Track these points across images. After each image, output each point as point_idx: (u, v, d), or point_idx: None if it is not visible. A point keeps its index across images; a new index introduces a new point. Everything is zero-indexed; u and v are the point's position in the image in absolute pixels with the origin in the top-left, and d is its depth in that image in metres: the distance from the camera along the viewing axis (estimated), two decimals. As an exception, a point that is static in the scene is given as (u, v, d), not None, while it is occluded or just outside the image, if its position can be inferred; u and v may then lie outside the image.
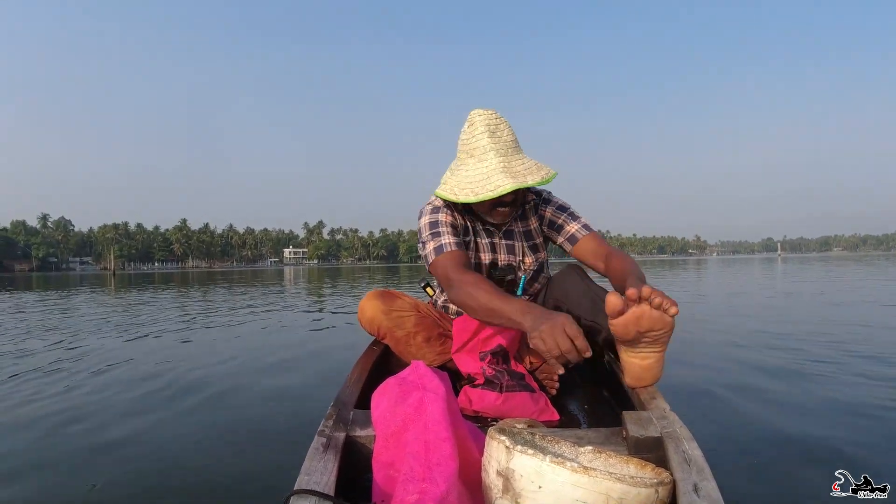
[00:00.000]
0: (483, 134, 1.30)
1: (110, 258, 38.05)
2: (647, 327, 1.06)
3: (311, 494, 0.72)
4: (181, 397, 1.96)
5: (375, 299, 1.48)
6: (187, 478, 1.24)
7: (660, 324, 1.06)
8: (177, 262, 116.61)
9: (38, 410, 1.81)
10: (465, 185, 1.29)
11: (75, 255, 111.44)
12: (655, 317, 1.05)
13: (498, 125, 1.32)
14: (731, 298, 6.39)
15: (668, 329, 1.08)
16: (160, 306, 6.24)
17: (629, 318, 1.05)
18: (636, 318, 1.05)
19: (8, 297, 9.70)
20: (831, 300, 5.75)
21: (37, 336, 3.75)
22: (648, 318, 1.05)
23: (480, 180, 1.27)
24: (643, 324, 1.06)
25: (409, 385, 0.85)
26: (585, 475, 0.68)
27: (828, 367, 2.37)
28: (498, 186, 1.24)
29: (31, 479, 1.25)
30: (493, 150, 1.29)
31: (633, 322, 1.05)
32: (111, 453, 1.40)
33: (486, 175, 1.27)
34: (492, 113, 1.33)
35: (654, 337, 1.09)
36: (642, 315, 1.05)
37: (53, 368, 2.52)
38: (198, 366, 2.53)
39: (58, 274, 53.63)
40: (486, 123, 1.31)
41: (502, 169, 1.26)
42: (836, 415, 1.68)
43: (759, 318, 4.39)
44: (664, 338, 1.10)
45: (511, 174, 1.26)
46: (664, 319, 1.05)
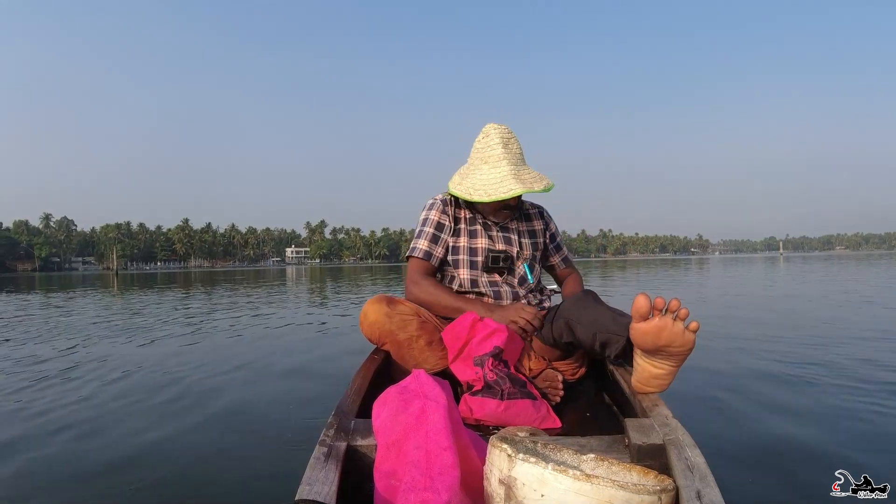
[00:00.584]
0: (498, 145, 1.53)
1: (112, 258, 38.38)
2: (667, 341, 1.07)
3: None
4: (181, 407, 1.96)
5: (378, 303, 1.49)
6: (187, 487, 1.24)
7: (680, 340, 1.07)
8: (179, 262, 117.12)
9: (36, 419, 1.82)
10: (480, 187, 1.50)
11: (78, 254, 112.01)
12: (677, 332, 1.06)
13: (510, 139, 1.55)
14: (731, 301, 6.37)
15: (688, 348, 1.09)
16: (162, 309, 6.24)
17: (652, 327, 1.07)
18: (658, 329, 1.06)
19: (14, 298, 9.71)
20: (832, 302, 5.74)
21: (36, 342, 3.75)
22: (670, 332, 1.06)
23: (494, 184, 1.49)
24: (663, 336, 1.07)
25: (410, 394, 0.85)
26: (588, 483, 0.67)
27: (828, 370, 2.37)
28: (510, 189, 1.46)
29: (24, 485, 1.25)
30: (506, 159, 1.51)
31: (654, 332, 1.07)
32: (111, 463, 1.40)
33: (499, 180, 1.49)
34: (505, 128, 1.56)
35: (672, 353, 1.10)
36: (664, 327, 1.06)
37: (50, 376, 2.52)
38: (199, 374, 2.53)
39: (60, 274, 53.80)
40: (501, 136, 1.54)
41: (514, 176, 1.48)
42: (837, 416, 1.69)
43: (759, 321, 4.39)
44: (682, 356, 1.11)
45: (520, 181, 1.48)
46: (685, 337, 1.07)
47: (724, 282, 10.50)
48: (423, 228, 1.62)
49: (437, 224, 1.61)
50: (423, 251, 1.59)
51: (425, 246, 1.60)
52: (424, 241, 1.60)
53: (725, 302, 6.12)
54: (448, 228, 1.62)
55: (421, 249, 1.60)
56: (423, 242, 1.60)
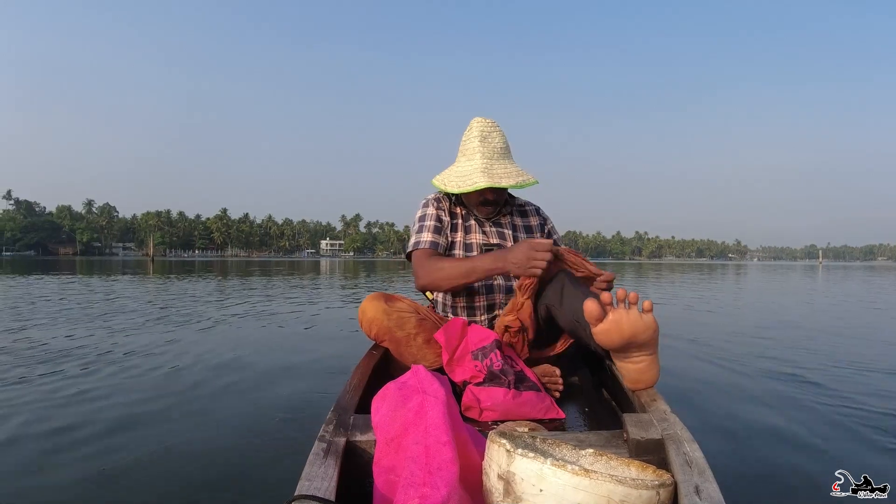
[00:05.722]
0: (475, 138, 1.52)
1: (150, 245, 39.42)
2: (631, 332, 1.06)
3: (311, 500, 0.71)
4: (182, 399, 1.95)
5: (376, 300, 1.49)
6: (186, 482, 1.23)
7: (641, 325, 1.06)
8: (217, 251, 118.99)
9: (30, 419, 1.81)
10: (453, 179, 1.52)
11: (119, 240, 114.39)
12: (634, 318, 1.05)
13: (490, 132, 1.53)
14: (741, 301, 6.39)
15: (652, 331, 1.08)
16: (189, 297, 6.14)
17: (610, 324, 1.05)
18: (615, 323, 1.05)
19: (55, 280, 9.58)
20: (847, 307, 5.74)
21: (34, 327, 3.74)
22: (628, 321, 1.05)
23: (464, 176, 1.50)
24: (625, 329, 1.05)
25: (409, 389, 0.85)
26: (587, 478, 0.68)
27: (829, 369, 2.38)
28: (474, 183, 1.46)
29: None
30: (481, 152, 1.51)
31: (615, 328, 1.05)
32: (108, 456, 1.39)
33: (469, 173, 1.50)
34: (488, 121, 1.55)
35: (641, 342, 1.09)
36: (620, 319, 1.05)
37: (56, 358, 2.51)
38: (205, 366, 2.51)
39: (100, 259, 53.49)
40: (480, 129, 1.53)
41: (483, 169, 1.48)
42: (837, 416, 1.69)
43: (759, 320, 4.40)
44: (651, 341, 1.10)
45: (489, 175, 1.47)
46: (645, 320, 1.06)
47: (737, 287, 10.50)
48: (423, 223, 1.64)
49: (437, 218, 1.63)
50: (429, 241, 1.59)
51: (430, 237, 1.60)
52: (428, 233, 1.61)
53: (735, 303, 6.14)
54: (446, 223, 1.64)
55: (426, 241, 1.60)
56: (426, 235, 1.61)
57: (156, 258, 43.57)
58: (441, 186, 1.55)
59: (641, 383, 1.16)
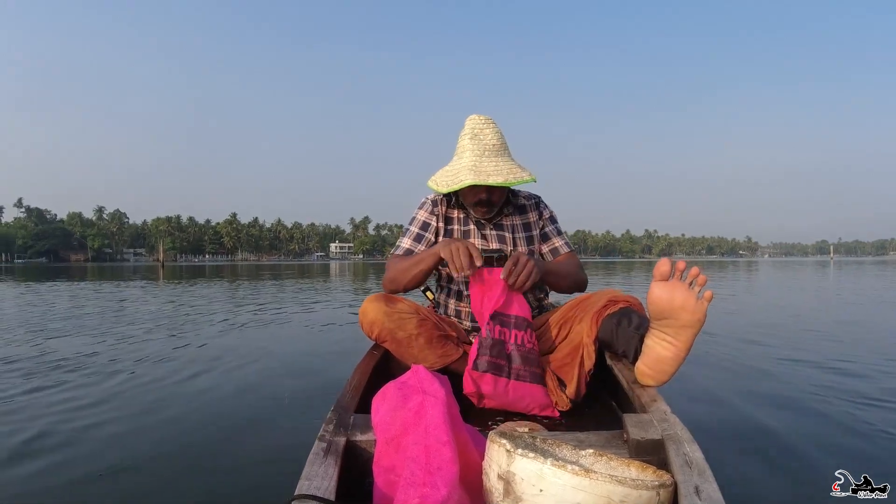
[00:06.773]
0: (466, 136, 1.49)
1: (160, 250, 40.19)
2: (680, 304, 1.08)
3: (311, 499, 0.72)
4: (182, 399, 1.96)
5: (377, 301, 1.49)
6: (186, 482, 1.24)
7: (692, 306, 1.08)
8: (227, 255, 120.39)
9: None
10: (444, 178, 1.49)
11: (129, 246, 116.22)
12: (690, 297, 1.08)
13: (482, 129, 1.48)
14: (742, 298, 6.35)
15: (699, 316, 1.09)
16: (197, 303, 6.19)
17: (668, 286, 1.09)
18: (673, 288, 1.09)
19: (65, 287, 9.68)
20: (847, 300, 5.70)
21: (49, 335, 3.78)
22: (684, 294, 1.08)
23: (452, 175, 1.46)
24: (677, 297, 1.08)
25: (409, 389, 0.86)
26: (586, 478, 0.68)
27: (829, 369, 2.36)
28: (460, 181, 1.42)
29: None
30: (470, 150, 1.47)
31: (669, 292, 1.09)
32: (108, 456, 1.40)
33: (457, 171, 1.46)
34: (482, 118, 1.51)
35: (683, 321, 1.10)
36: (679, 287, 1.09)
37: (71, 367, 2.54)
38: (207, 367, 2.53)
39: (112, 265, 54.19)
40: (472, 127, 1.49)
41: (470, 167, 1.43)
42: (837, 416, 1.68)
43: (760, 321, 4.37)
44: (689, 327, 1.11)
45: (476, 173, 1.42)
46: (698, 305, 1.08)
47: (747, 284, 10.43)
48: (409, 228, 1.66)
49: (423, 224, 1.64)
50: (405, 248, 1.63)
51: (407, 244, 1.63)
52: (408, 239, 1.64)
53: (735, 300, 6.10)
54: (432, 228, 1.63)
55: (403, 248, 1.63)
56: (406, 241, 1.64)
57: (166, 263, 44.23)
58: (434, 187, 1.52)
59: (653, 374, 1.16)
